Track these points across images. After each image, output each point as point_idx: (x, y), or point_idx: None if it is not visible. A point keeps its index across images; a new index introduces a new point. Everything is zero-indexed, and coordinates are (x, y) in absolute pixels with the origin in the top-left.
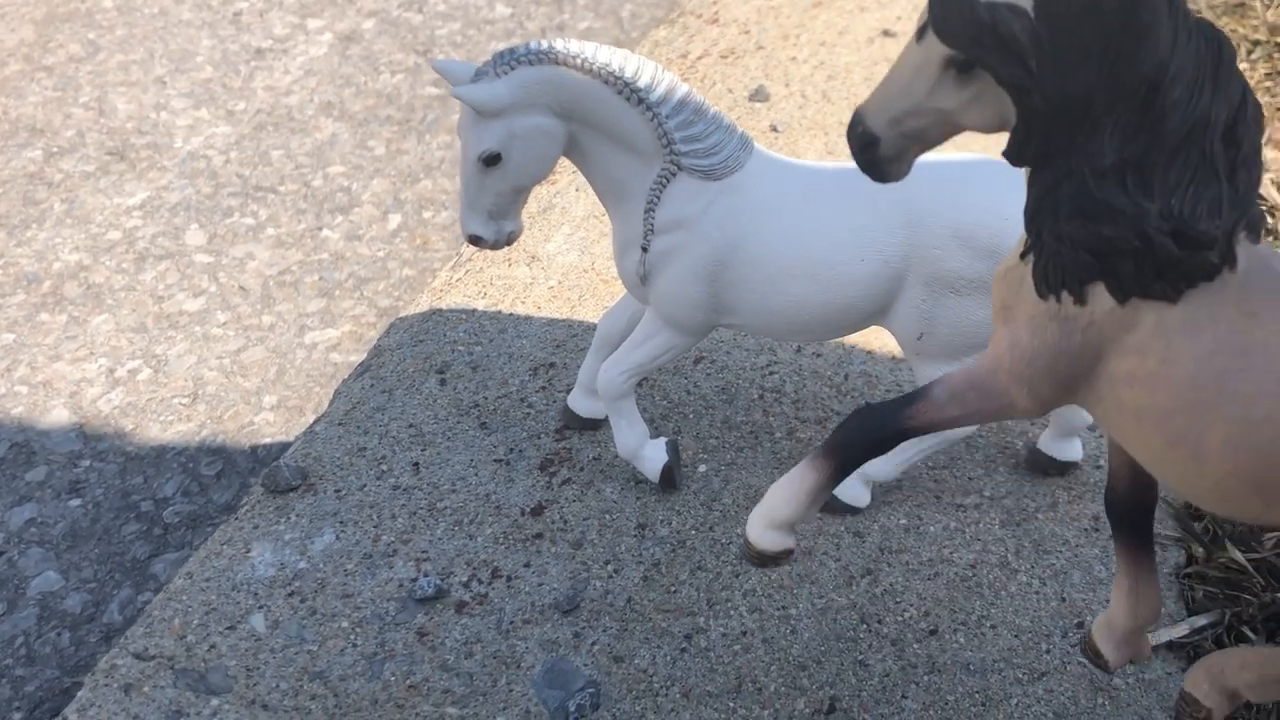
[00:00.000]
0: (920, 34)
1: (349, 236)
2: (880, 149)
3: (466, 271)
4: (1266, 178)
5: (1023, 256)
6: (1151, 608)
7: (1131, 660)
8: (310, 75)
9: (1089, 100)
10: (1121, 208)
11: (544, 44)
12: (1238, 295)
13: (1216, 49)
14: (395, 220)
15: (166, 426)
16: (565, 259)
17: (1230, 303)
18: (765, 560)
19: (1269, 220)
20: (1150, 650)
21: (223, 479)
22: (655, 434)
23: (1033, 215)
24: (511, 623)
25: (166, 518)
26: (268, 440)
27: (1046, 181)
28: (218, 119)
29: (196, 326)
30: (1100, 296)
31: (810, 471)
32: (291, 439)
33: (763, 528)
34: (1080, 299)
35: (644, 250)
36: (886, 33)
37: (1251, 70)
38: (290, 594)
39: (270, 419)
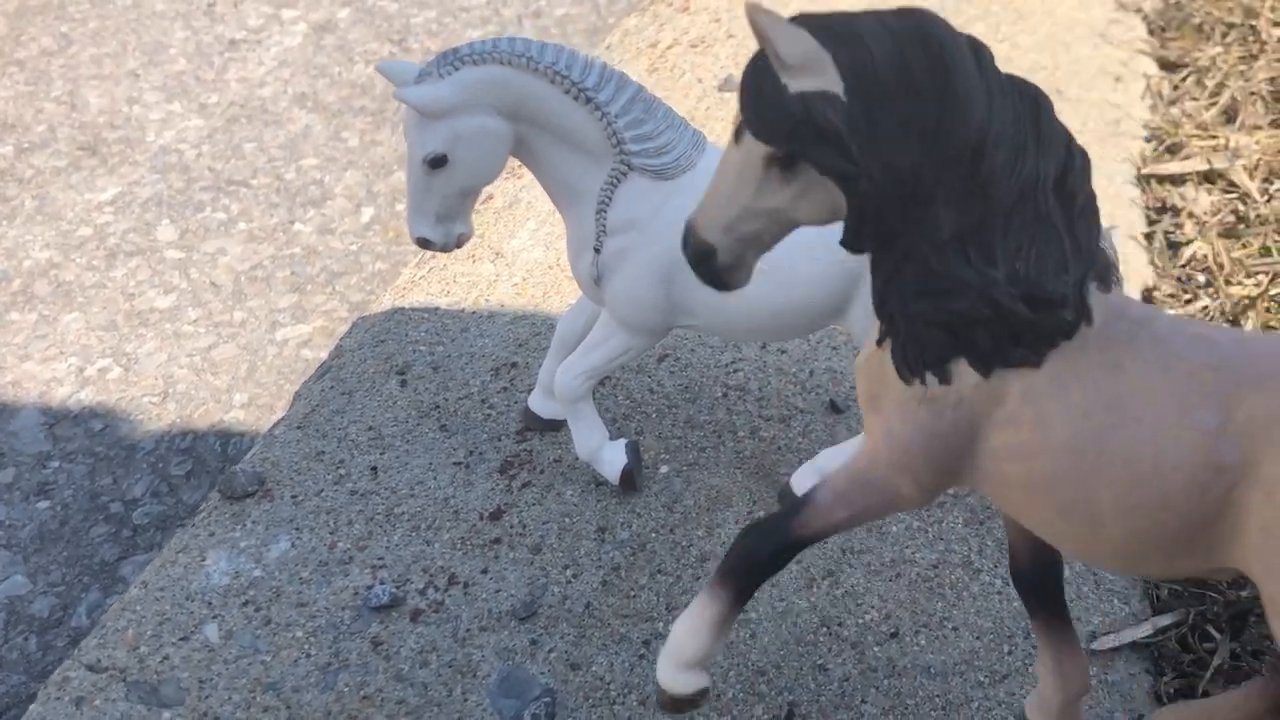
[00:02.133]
0: (737, 135)
1: (321, 230)
2: (719, 259)
3: (430, 269)
4: (1238, 163)
5: (879, 343)
6: (1080, 678)
7: None
8: (284, 66)
9: (916, 177)
10: (968, 279)
11: (489, 43)
12: (1099, 349)
13: (1034, 104)
14: (368, 213)
15: (136, 426)
16: (530, 255)
17: (1094, 358)
18: (682, 705)
19: (1241, 207)
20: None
21: (192, 479)
22: (617, 434)
23: (881, 301)
24: (468, 630)
25: (136, 519)
26: (238, 439)
27: (889, 265)
28: (190, 112)
29: (167, 324)
30: (964, 372)
31: (709, 602)
32: (271, 428)
33: (673, 671)
34: (944, 378)
35: (597, 251)
36: None
37: (1226, 54)
38: (245, 603)
39: (241, 417)
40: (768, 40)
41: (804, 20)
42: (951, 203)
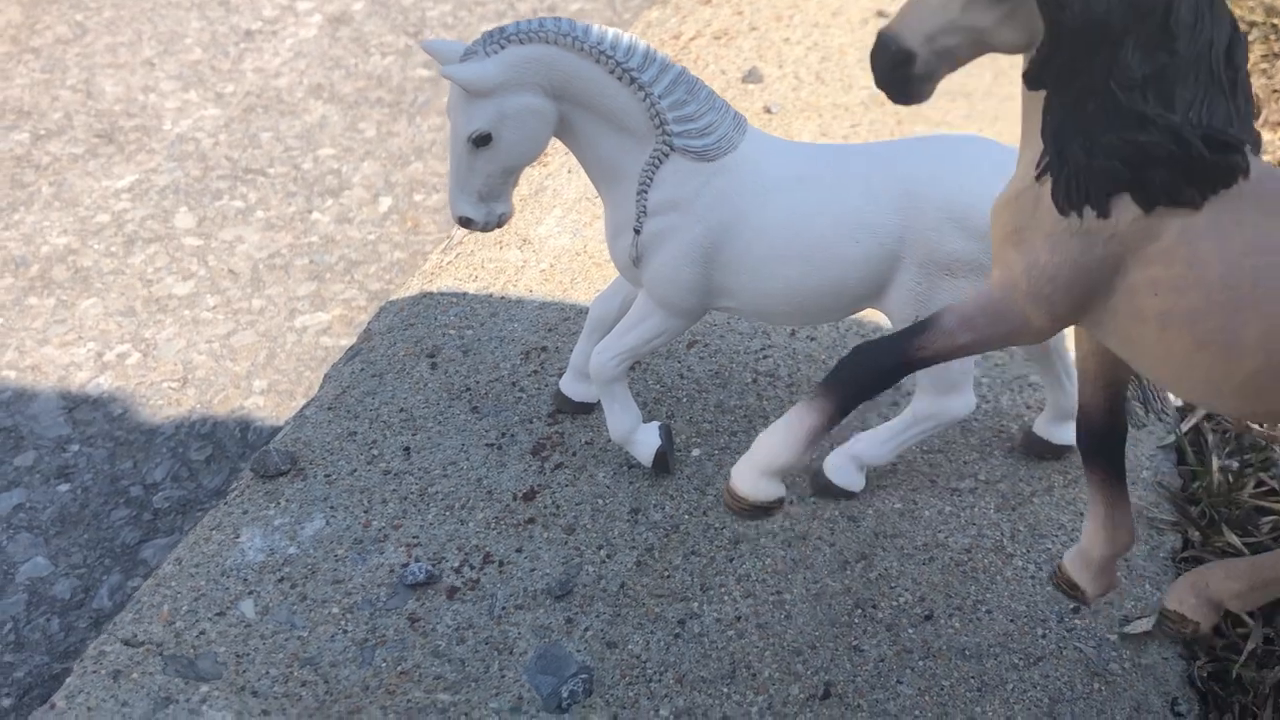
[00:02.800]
0: None
1: (339, 219)
2: (914, 66)
3: (457, 255)
4: (1264, 157)
5: (1038, 178)
6: (1128, 534)
7: (1103, 591)
8: (300, 57)
9: (1110, 19)
10: (1153, 117)
11: (535, 22)
12: (1255, 200)
13: None
14: (386, 203)
15: (156, 411)
16: (557, 242)
17: (1251, 206)
18: (756, 512)
19: None
20: (1117, 579)
21: (212, 464)
22: (649, 418)
23: (1055, 134)
24: (504, 608)
25: (156, 503)
26: (258, 425)
27: (1070, 99)
28: (206, 101)
29: (186, 310)
30: (1125, 208)
31: (809, 413)
32: (281, 423)
33: (755, 476)
34: (1104, 212)
35: (636, 233)
36: (881, 13)
37: (1249, 52)
38: (280, 580)
39: (260, 403)
40: None
41: None
42: (1140, 47)
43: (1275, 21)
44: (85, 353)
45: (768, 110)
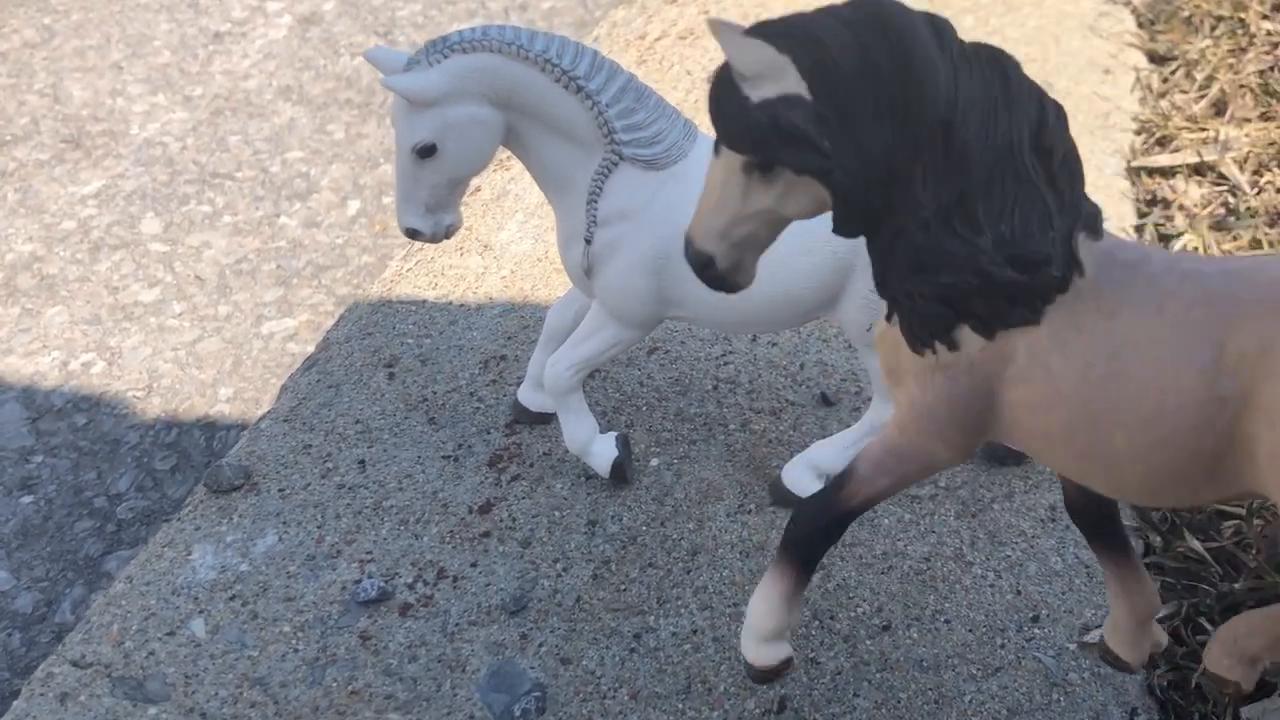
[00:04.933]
0: (716, 147)
1: (307, 223)
2: (719, 265)
3: (417, 262)
4: (1228, 156)
5: (888, 319)
6: (1148, 600)
7: (1152, 651)
8: (269, 59)
9: (891, 160)
10: (954, 251)
11: (478, 30)
12: (1094, 298)
13: (999, 69)
14: (354, 206)
15: (120, 420)
16: (518, 248)
17: (1090, 308)
18: (769, 676)
19: (1231, 200)
20: (1164, 635)
21: (177, 473)
22: (607, 427)
23: (881, 280)
24: (457, 625)
25: (120, 514)
26: (223, 433)
27: (881, 246)
28: (175, 104)
29: (151, 317)
30: (969, 338)
31: (777, 580)
32: (257, 421)
33: (756, 646)
34: (951, 345)
35: (587, 243)
36: None
37: (1215, 46)
38: (231, 598)
39: (226, 411)
40: (726, 53)
41: (760, 28)
42: (930, 179)
43: (1241, 16)
44: (50, 362)
45: None
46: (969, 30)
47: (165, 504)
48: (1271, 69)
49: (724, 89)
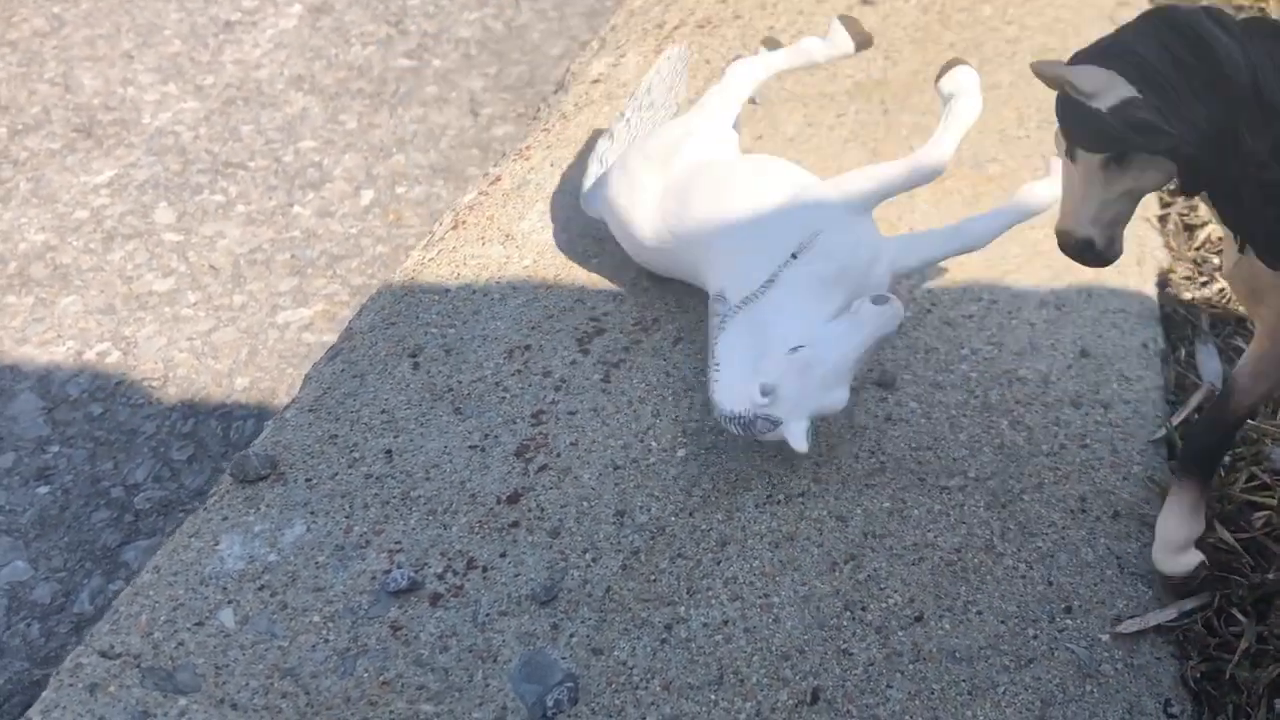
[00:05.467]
0: (1071, 154)
1: (321, 213)
2: (1097, 245)
3: (439, 251)
4: None
5: (1241, 251)
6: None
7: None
8: (280, 48)
9: (1218, 126)
10: None
11: None
12: None
13: (1274, 30)
14: (368, 196)
15: (136, 410)
16: (540, 237)
17: None
18: (1188, 583)
19: None
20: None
21: (194, 463)
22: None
23: (1235, 224)
24: (487, 615)
25: (137, 504)
26: (239, 423)
27: (1228, 195)
28: (186, 94)
29: (166, 307)
30: None
31: (1183, 495)
32: (264, 422)
33: (1170, 556)
34: None
35: None
36: (866, 1)
37: None
38: (260, 588)
39: (242, 401)
40: (1070, 85)
41: (1083, 55)
42: (1254, 131)
43: (1263, 5)
44: (65, 351)
45: (752, 101)
46: (986, 20)
47: (183, 494)
48: None
49: (1074, 108)
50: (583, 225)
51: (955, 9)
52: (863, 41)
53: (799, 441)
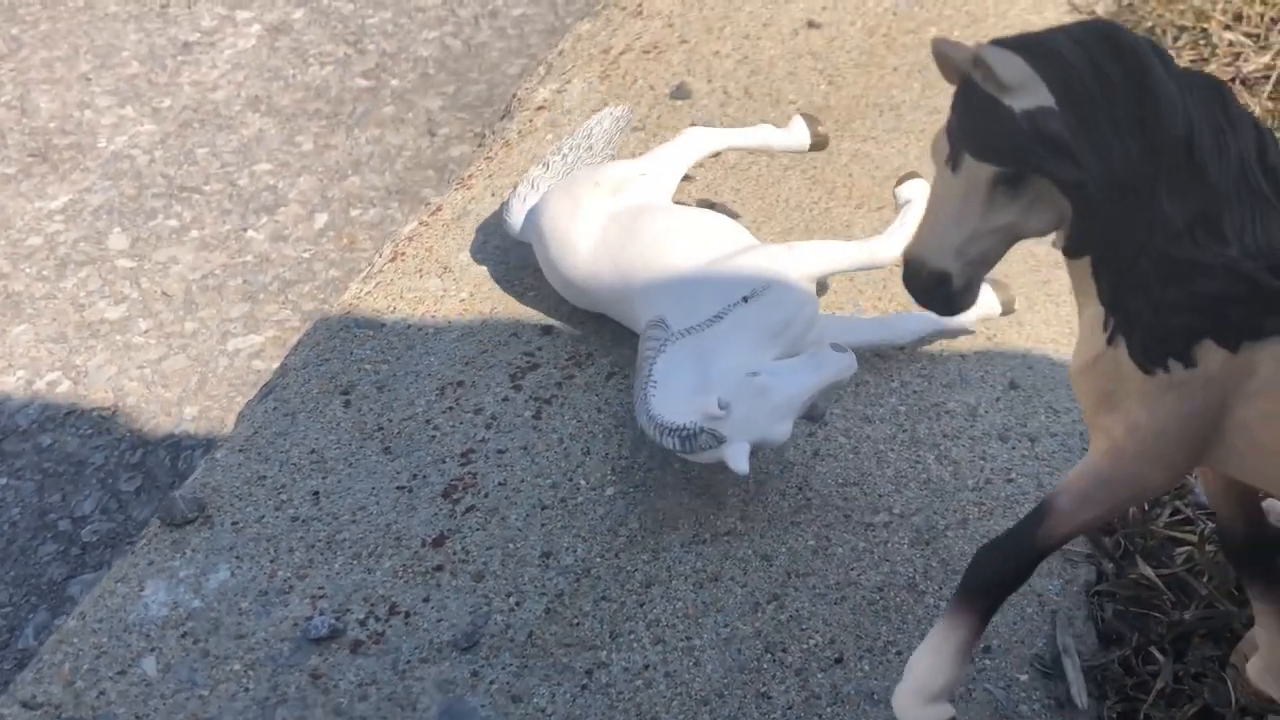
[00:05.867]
0: (954, 162)
1: (274, 237)
2: (953, 283)
3: (377, 284)
4: None
5: (1109, 342)
6: None
7: None
8: (238, 69)
9: (1135, 173)
10: (1208, 261)
11: None
12: None
13: (1217, 92)
14: (322, 219)
15: (85, 441)
16: (478, 269)
17: None
18: None
19: None
20: None
21: (142, 494)
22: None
23: (1113, 299)
24: (408, 662)
25: (84, 536)
26: (188, 453)
27: (1120, 264)
28: (143, 117)
29: (117, 335)
30: (1210, 353)
31: (952, 630)
32: (213, 451)
33: (920, 708)
34: (1189, 363)
35: None
36: (811, 23)
37: (1178, 57)
38: (183, 635)
39: (191, 430)
40: (987, 67)
41: (1005, 43)
42: (1174, 193)
43: (1204, 26)
44: (15, 381)
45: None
46: (932, 41)
47: (130, 526)
48: (1233, 80)
49: (982, 102)
50: (521, 257)
51: (901, 31)
52: (819, 143)
53: (740, 462)
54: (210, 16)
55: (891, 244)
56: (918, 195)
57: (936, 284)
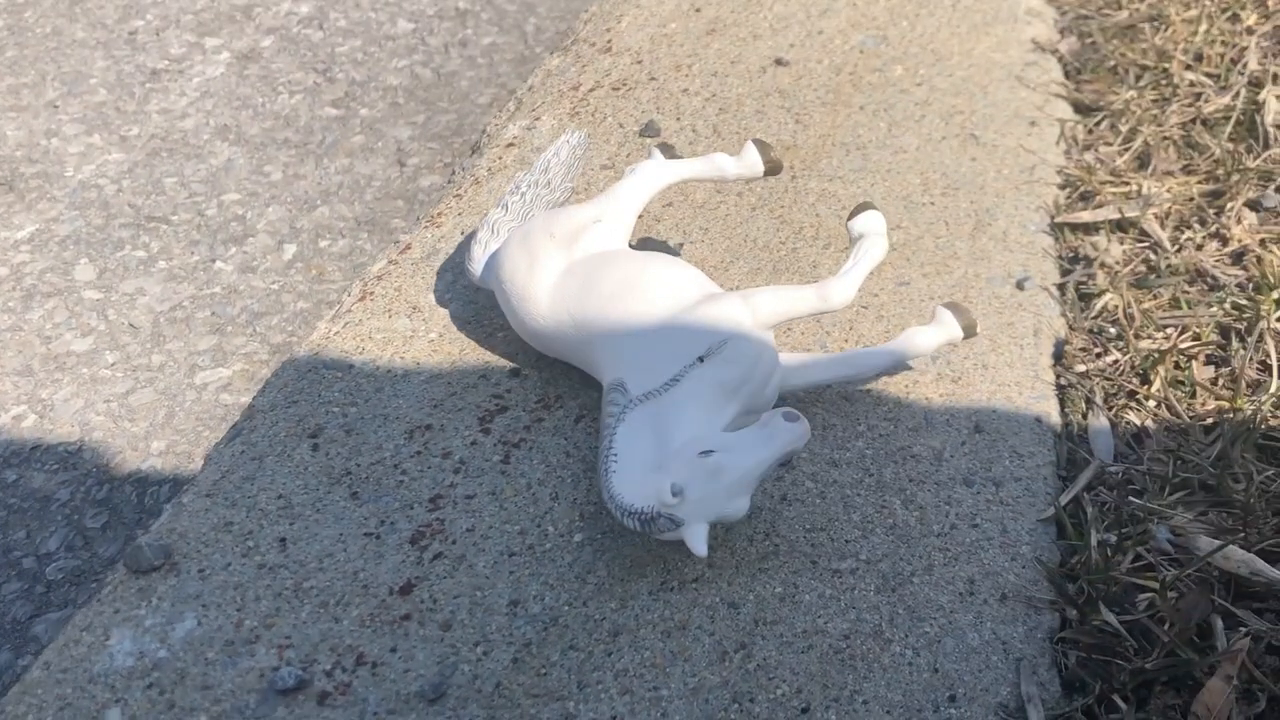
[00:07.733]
0: None
1: (243, 268)
2: None
3: (345, 324)
4: (1149, 212)
5: None
6: None
7: None
8: (207, 97)
9: None
10: None
11: None
12: None
13: None
14: (290, 250)
15: (51, 476)
16: (447, 309)
17: None
18: None
19: (1152, 257)
20: None
21: (108, 531)
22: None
23: None
24: (375, 713)
25: (49, 574)
26: (155, 488)
27: None
28: (111, 145)
29: (84, 368)
30: None
31: None
32: (179, 487)
33: None
34: None
35: None
36: (779, 61)
37: (1139, 97)
38: (149, 686)
39: (158, 465)
40: None
41: None
42: None
43: (1165, 66)
44: None
45: None
46: (898, 80)
47: (95, 563)
48: (1194, 120)
49: None
50: (490, 296)
51: (868, 69)
52: (773, 168)
53: (699, 545)
54: (179, 44)
55: (845, 285)
56: (871, 229)
57: None
